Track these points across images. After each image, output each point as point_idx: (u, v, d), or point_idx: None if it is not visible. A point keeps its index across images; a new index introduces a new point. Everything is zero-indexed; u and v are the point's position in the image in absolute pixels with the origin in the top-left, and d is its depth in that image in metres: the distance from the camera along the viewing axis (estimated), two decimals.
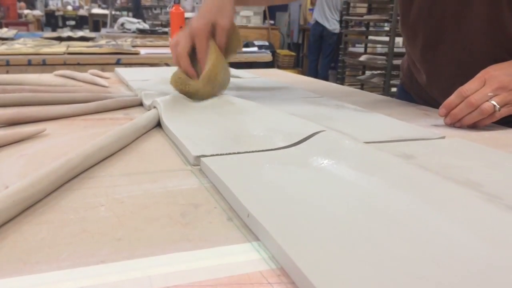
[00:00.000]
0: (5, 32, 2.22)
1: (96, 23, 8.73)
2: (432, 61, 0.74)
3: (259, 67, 1.89)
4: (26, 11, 6.66)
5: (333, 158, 0.38)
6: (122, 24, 3.80)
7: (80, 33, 2.26)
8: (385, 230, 0.27)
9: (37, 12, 7.38)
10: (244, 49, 1.94)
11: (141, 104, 0.68)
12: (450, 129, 0.57)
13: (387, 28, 2.36)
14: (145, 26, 3.73)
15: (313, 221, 0.28)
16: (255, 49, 1.98)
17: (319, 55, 5.10)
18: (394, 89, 2.42)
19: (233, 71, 1.04)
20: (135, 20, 3.89)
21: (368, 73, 2.73)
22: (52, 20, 8.94)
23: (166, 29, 3.54)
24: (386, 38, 2.35)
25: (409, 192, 0.31)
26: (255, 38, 5.52)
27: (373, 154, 0.37)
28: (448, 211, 0.28)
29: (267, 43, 5.44)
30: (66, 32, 2.27)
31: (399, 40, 2.55)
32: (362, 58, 2.51)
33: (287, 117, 0.51)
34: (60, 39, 2.12)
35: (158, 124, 0.55)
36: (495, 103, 0.54)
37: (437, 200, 0.30)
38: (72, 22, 9.23)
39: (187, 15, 2.22)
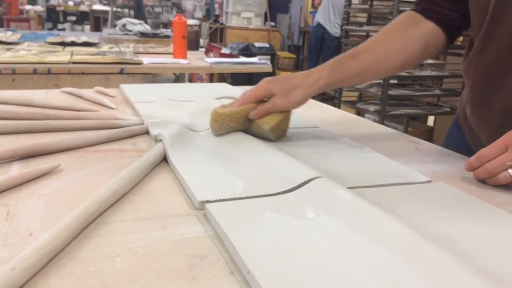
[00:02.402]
0: (9, 36, 2.26)
1: (97, 20, 8.75)
2: (480, 106, 0.71)
3: (259, 77, 1.92)
4: (27, 7, 6.68)
5: (325, 209, 0.42)
6: (124, 25, 3.83)
7: (83, 38, 2.29)
8: None
9: (38, 8, 7.40)
10: (245, 59, 1.98)
11: (147, 132, 0.72)
12: (437, 170, 0.61)
13: None
14: (147, 27, 3.76)
15: (313, 284, 0.31)
16: (256, 59, 2.01)
17: (319, 58, 5.14)
18: (391, 101, 2.45)
19: (235, 92, 1.07)
20: (136, 21, 3.92)
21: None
22: (53, 16, 8.96)
23: (168, 31, 3.57)
24: None
25: (390, 251, 0.35)
26: (255, 40, 5.56)
27: (362, 208, 0.41)
28: (421, 274, 0.32)
29: (267, 45, 5.48)
30: (69, 37, 2.30)
31: None
32: None
33: (285, 159, 0.54)
34: (63, 44, 2.15)
35: (165, 158, 0.59)
36: None
37: (414, 261, 0.34)
38: (73, 18, 9.26)
39: (189, 22, 2.25)
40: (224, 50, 2.01)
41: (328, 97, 4.85)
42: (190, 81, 3.93)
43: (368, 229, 0.38)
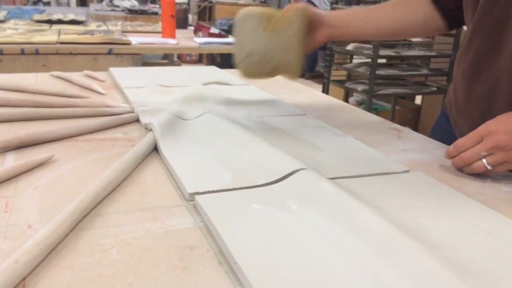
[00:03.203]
0: None
1: None
2: (466, 94, 0.73)
3: None
4: None
5: (308, 201, 0.45)
6: (111, 1, 3.77)
7: (70, 15, 2.26)
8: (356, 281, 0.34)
9: None
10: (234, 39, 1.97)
11: (138, 120, 0.73)
12: (416, 158, 0.64)
13: None
14: (135, 3, 3.71)
15: (295, 274, 0.34)
16: None
17: None
18: (379, 80, 2.48)
19: (223, 76, 1.09)
20: None
21: (355, 60, 2.79)
22: None
23: (156, 7, 3.53)
24: None
25: (366, 243, 0.38)
26: None
27: (342, 199, 0.44)
28: (394, 264, 0.35)
29: None
30: (56, 14, 2.27)
31: None
32: (349, 47, 2.56)
33: (271, 150, 0.57)
34: (50, 22, 2.13)
35: (156, 147, 0.61)
36: (486, 163, 0.55)
37: (388, 252, 0.37)
38: None
39: (177, 0, 2.23)
40: (213, 30, 2.01)
41: (318, 74, 4.86)
42: (179, 58, 3.91)
43: (347, 221, 0.41)
